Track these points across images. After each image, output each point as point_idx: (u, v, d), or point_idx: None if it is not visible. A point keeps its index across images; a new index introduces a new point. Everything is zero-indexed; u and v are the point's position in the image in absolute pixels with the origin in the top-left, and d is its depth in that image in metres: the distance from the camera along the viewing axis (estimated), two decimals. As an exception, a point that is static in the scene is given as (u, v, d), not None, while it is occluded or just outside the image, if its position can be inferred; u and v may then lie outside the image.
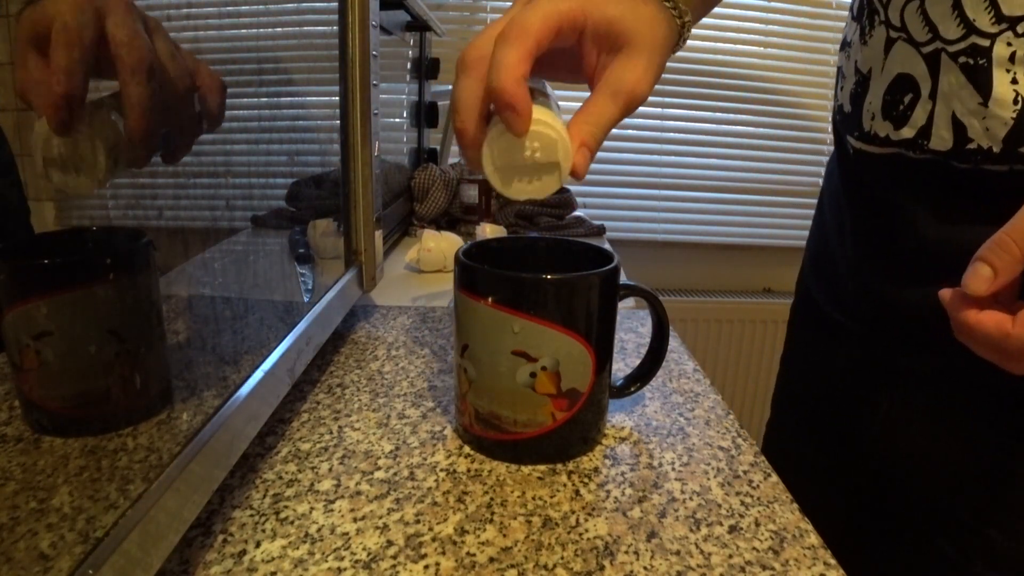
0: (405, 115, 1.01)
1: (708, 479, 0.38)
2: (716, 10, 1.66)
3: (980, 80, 0.38)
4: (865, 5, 0.47)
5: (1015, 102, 0.37)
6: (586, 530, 0.33)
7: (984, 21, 0.37)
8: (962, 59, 0.38)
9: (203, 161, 0.32)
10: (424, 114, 1.11)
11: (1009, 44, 0.36)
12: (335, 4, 0.49)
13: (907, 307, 0.48)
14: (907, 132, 0.42)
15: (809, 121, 1.54)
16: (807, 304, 0.64)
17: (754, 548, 0.33)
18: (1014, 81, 0.37)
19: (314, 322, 0.44)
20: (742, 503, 0.36)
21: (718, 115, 1.54)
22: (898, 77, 0.42)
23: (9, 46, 0.20)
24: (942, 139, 0.40)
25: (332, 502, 0.35)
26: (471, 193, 0.96)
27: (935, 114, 0.40)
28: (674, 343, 0.58)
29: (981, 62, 0.38)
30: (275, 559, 0.31)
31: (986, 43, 0.37)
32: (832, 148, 0.59)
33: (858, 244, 0.53)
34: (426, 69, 1.09)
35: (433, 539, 0.32)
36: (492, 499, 0.36)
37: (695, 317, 1.57)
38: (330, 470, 0.38)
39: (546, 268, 0.37)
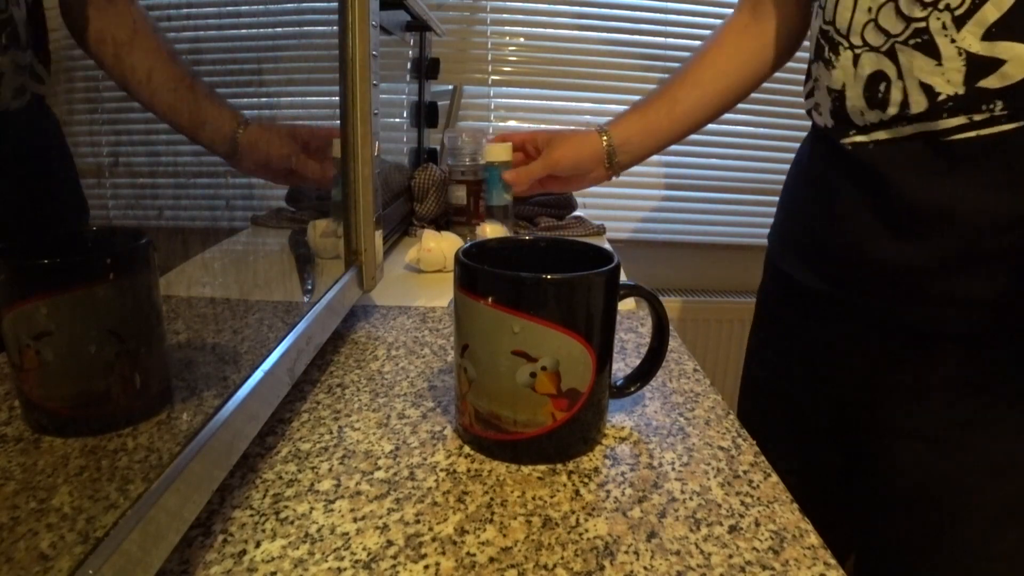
0: (405, 115, 1.01)
1: (708, 479, 0.38)
2: (717, 10, 1.65)
3: (930, 49, 0.49)
4: (824, 45, 0.59)
5: (959, 54, 0.47)
6: (586, 530, 0.33)
7: (916, 11, 0.49)
8: (912, 41, 0.50)
9: (203, 161, 0.32)
10: (424, 114, 1.11)
11: (938, 18, 0.48)
12: (335, 4, 0.49)
13: (893, 262, 0.55)
14: (892, 110, 0.52)
15: (809, 121, 1.54)
16: (778, 286, 0.72)
17: (754, 548, 0.33)
18: (952, 40, 0.48)
19: (314, 322, 0.44)
20: (742, 503, 0.36)
21: (718, 115, 1.54)
22: (870, 76, 0.54)
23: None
24: (919, 103, 0.50)
25: (332, 502, 0.35)
26: (459, 194, 0.95)
27: (907, 87, 0.51)
28: (674, 343, 0.58)
29: (925, 38, 0.49)
30: (275, 559, 0.31)
31: (923, 24, 0.49)
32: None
33: (854, 214, 0.58)
34: (426, 69, 1.09)
35: (433, 539, 0.32)
36: (492, 499, 0.36)
37: (695, 317, 1.57)
38: (330, 470, 0.38)
39: (546, 268, 0.37)
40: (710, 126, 1.58)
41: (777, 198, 0.79)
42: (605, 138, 0.80)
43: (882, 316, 0.58)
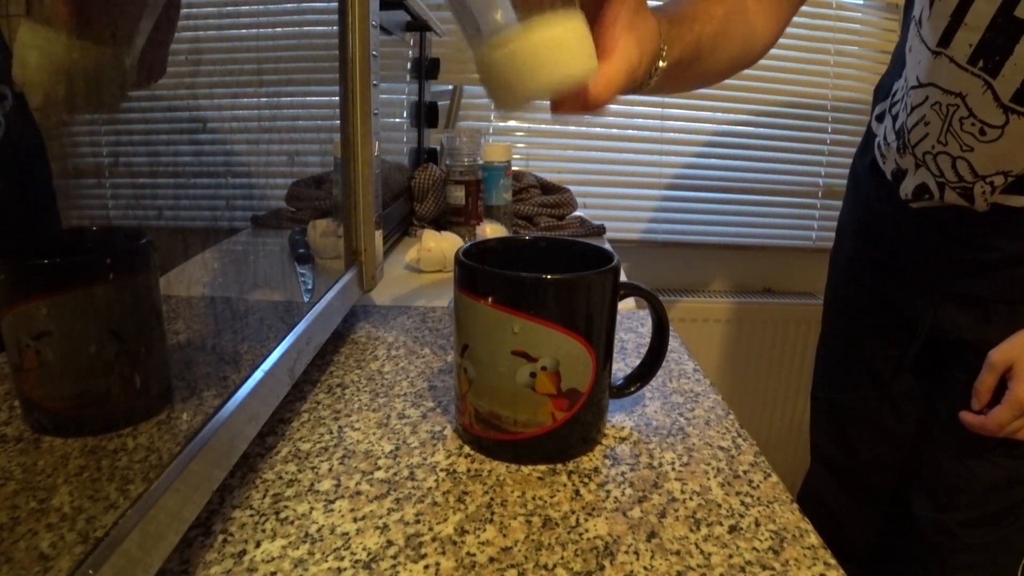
0: (405, 115, 1.01)
1: (708, 479, 0.38)
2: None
3: (967, 197, 0.67)
4: (898, 139, 0.73)
5: (987, 203, 0.67)
6: (586, 530, 0.33)
7: (967, 176, 0.66)
8: (958, 189, 0.68)
9: (203, 161, 0.32)
10: (424, 114, 1.10)
11: (983, 190, 0.66)
12: (335, 4, 0.49)
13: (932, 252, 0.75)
14: (927, 204, 0.72)
15: (809, 121, 1.54)
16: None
17: (754, 548, 0.33)
18: (986, 199, 0.66)
19: (314, 322, 0.44)
20: (742, 503, 0.36)
21: (718, 115, 1.54)
22: (920, 185, 0.71)
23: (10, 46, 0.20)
24: (951, 200, 0.69)
25: (332, 502, 0.35)
26: (457, 194, 0.95)
27: (944, 198, 0.70)
28: (674, 343, 0.58)
29: (966, 191, 0.67)
30: (275, 559, 0.31)
31: (969, 185, 0.66)
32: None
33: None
34: (426, 69, 1.09)
35: (433, 539, 0.32)
36: (492, 499, 0.36)
37: (695, 317, 1.57)
38: (330, 470, 0.38)
39: (546, 268, 0.37)
40: (709, 126, 1.58)
41: (775, 198, 0.84)
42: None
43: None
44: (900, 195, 0.74)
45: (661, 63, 0.43)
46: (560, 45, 0.33)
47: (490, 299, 0.37)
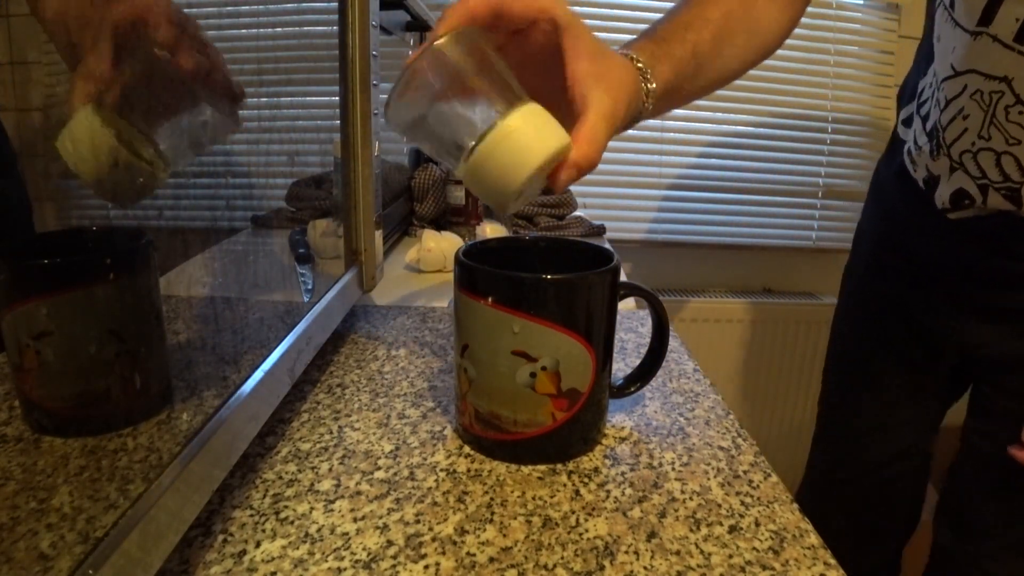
0: (405, 115, 1.01)
1: (708, 479, 0.38)
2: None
3: (1015, 199, 0.61)
4: (931, 139, 0.66)
5: None
6: (586, 530, 0.33)
7: (1014, 172, 0.59)
8: (1003, 191, 0.61)
9: (203, 161, 0.32)
10: (424, 114, 1.10)
11: None
12: (335, 4, 0.49)
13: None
14: (966, 213, 0.66)
15: (809, 121, 1.54)
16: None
17: (754, 548, 0.33)
18: None
19: (314, 322, 0.44)
20: (742, 503, 0.36)
21: (718, 115, 1.54)
22: (958, 191, 0.65)
23: (10, 46, 0.20)
24: (996, 206, 0.63)
25: (332, 502, 0.35)
26: (457, 194, 0.95)
27: (987, 204, 0.63)
28: (674, 343, 0.58)
29: (1013, 192, 0.60)
30: (275, 559, 0.31)
31: (1017, 186, 0.60)
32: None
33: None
34: (426, 69, 1.09)
35: (433, 539, 0.32)
36: (492, 499, 0.36)
37: (695, 317, 1.57)
38: (330, 470, 0.38)
39: (546, 268, 0.37)
40: (709, 126, 1.58)
41: (775, 198, 0.80)
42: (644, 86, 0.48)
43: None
44: (936, 205, 0.69)
45: (651, 85, 0.42)
46: (514, 139, 0.34)
47: (490, 299, 0.37)
